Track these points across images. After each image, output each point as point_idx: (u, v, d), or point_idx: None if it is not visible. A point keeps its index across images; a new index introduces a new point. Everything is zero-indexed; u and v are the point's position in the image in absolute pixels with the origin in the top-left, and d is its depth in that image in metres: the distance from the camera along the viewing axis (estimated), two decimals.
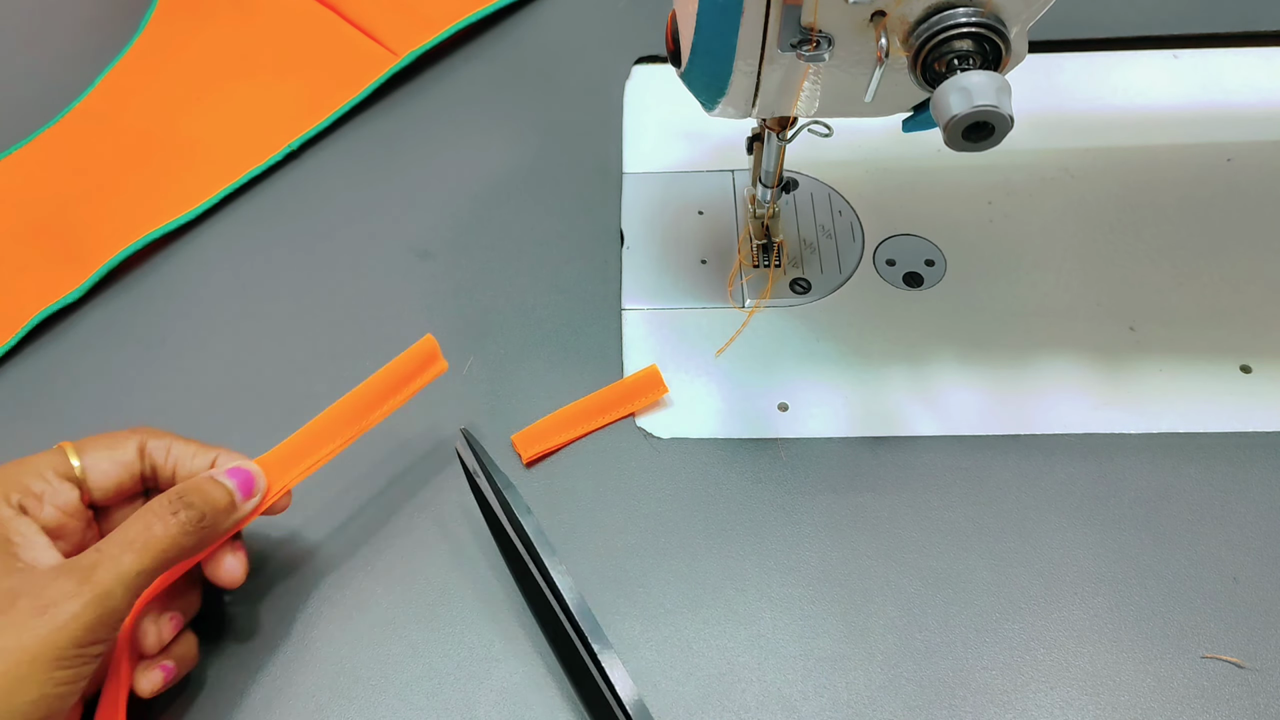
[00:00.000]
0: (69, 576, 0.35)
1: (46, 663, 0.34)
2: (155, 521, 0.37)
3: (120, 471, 0.40)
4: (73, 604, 0.34)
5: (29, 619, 0.34)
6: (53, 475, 0.39)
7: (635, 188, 0.56)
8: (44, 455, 0.39)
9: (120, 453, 0.40)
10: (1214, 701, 0.40)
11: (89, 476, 0.39)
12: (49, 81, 0.62)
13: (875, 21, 0.36)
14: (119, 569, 0.36)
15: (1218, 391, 0.48)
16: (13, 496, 0.38)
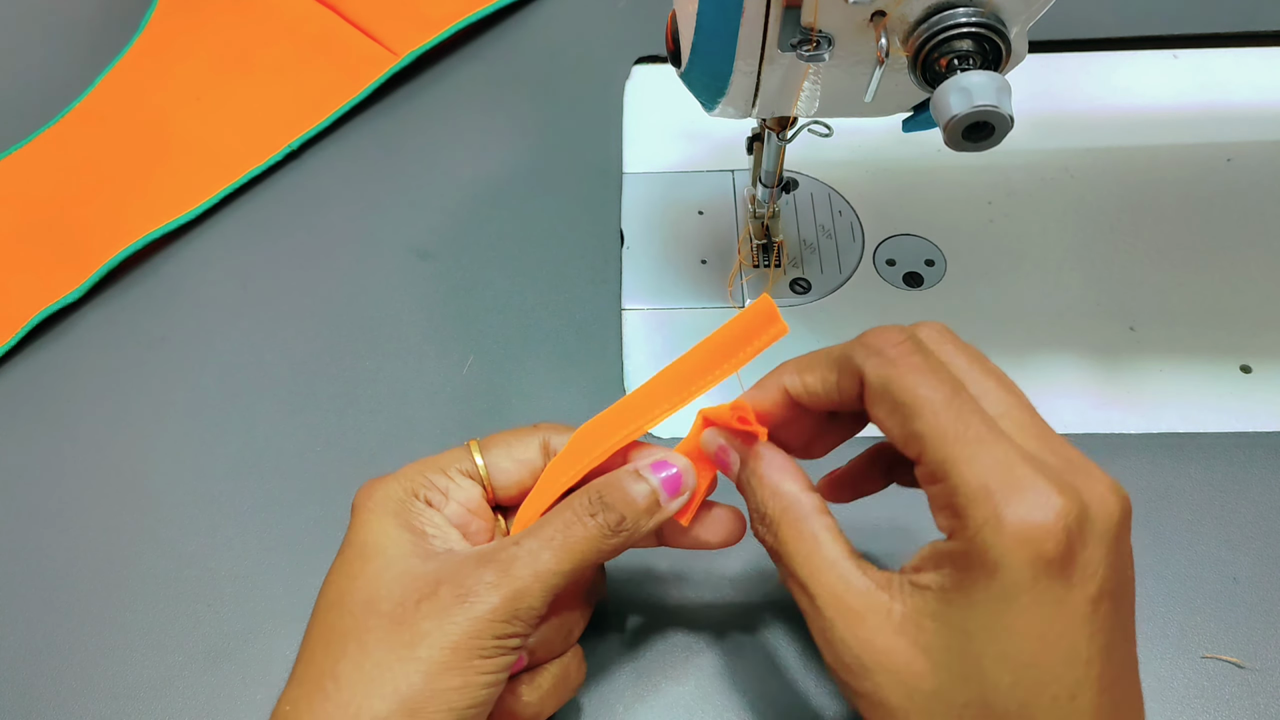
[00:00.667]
0: (488, 567, 0.34)
1: (468, 651, 0.33)
2: (574, 521, 0.35)
3: (521, 470, 0.38)
4: (493, 595, 0.33)
5: (451, 606, 0.33)
6: (456, 472, 0.38)
7: (635, 188, 0.56)
8: (451, 452, 0.38)
9: (521, 450, 0.38)
10: (1214, 701, 0.40)
11: (492, 474, 0.38)
12: (49, 81, 0.61)
13: (875, 21, 0.36)
14: (537, 566, 0.34)
15: (1218, 391, 0.48)
16: (420, 491, 0.37)
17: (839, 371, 0.33)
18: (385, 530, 0.35)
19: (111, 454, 0.48)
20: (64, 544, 0.46)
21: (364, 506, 0.36)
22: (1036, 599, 0.28)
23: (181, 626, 0.43)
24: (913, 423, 0.30)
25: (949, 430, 0.30)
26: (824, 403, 0.34)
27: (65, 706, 0.42)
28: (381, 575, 0.34)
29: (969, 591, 0.29)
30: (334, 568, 0.36)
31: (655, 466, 0.36)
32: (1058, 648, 0.28)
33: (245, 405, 0.49)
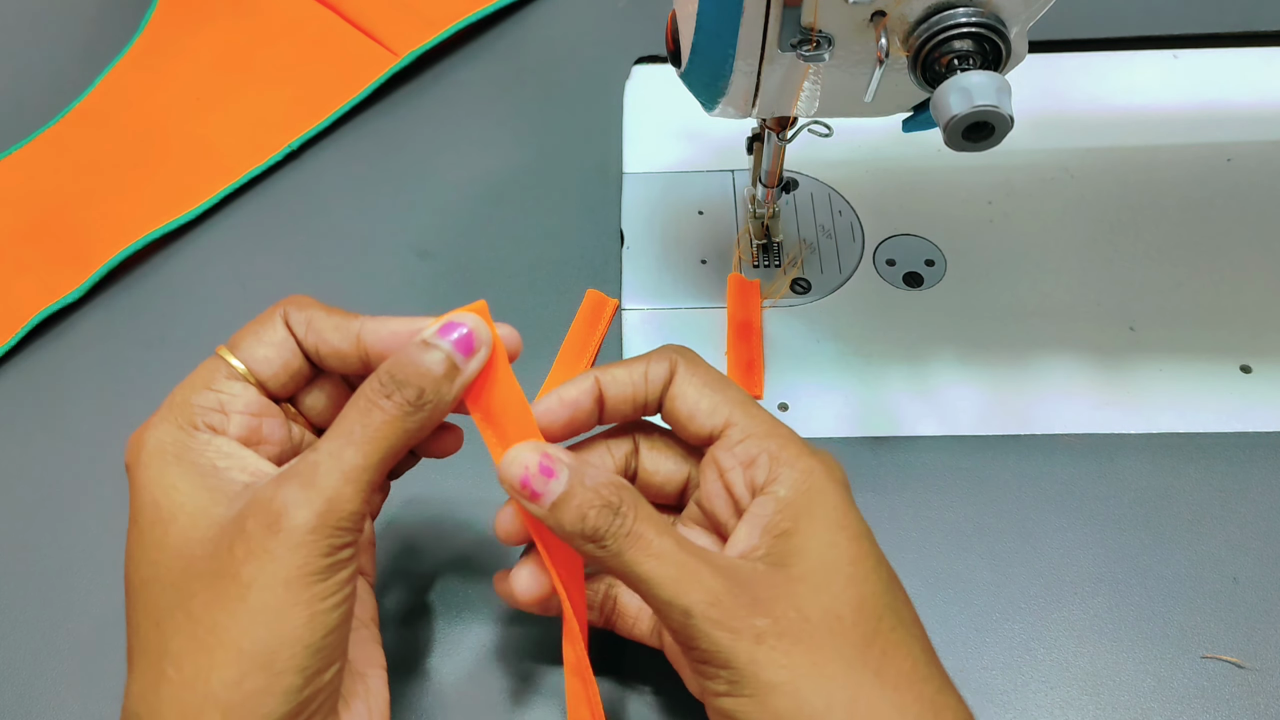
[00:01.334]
0: (291, 483, 0.31)
1: (300, 581, 0.30)
2: (370, 408, 0.32)
3: (281, 352, 0.35)
4: (304, 513, 0.30)
5: (265, 539, 0.30)
6: (223, 380, 0.34)
7: (635, 188, 0.56)
8: (202, 367, 0.35)
9: (269, 333, 0.35)
10: (1214, 701, 0.40)
11: (255, 368, 0.35)
12: (49, 81, 0.62)
13: (875, 21, 0.36)
14: (343, 466, 0.31)
15: (1218, 391, 0.48)
16: (195, 419, 0.33)
17: (650, 362, 0.37)
18: (173, 481, 0.32)
19: (111, 454, 0.48)
20: (64, 544, 0.46)
21: (139, 462, 0.33)
22: (853, 510, 0.35)
23: None
24: (722, 394, 0.36)
25: (748, 401, 0.36)
26: (627, 394, 0.36)
27: (65, 706, 0.42)
28: (189, 533, 0.31)
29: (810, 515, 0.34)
30: (131, 541, 0.32)
31: (443, 330, 0.34)
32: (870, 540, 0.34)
33: None
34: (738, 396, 0.36)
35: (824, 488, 0.34)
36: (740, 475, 0.35)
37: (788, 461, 0.34)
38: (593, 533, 0.33)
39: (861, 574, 0.33)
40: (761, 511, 0.34)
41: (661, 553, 0.32)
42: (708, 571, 0.32)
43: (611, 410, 0.37)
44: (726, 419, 0.36)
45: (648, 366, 0.37)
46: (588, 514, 0.33)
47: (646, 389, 0.37)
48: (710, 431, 0.36)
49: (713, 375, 0.37)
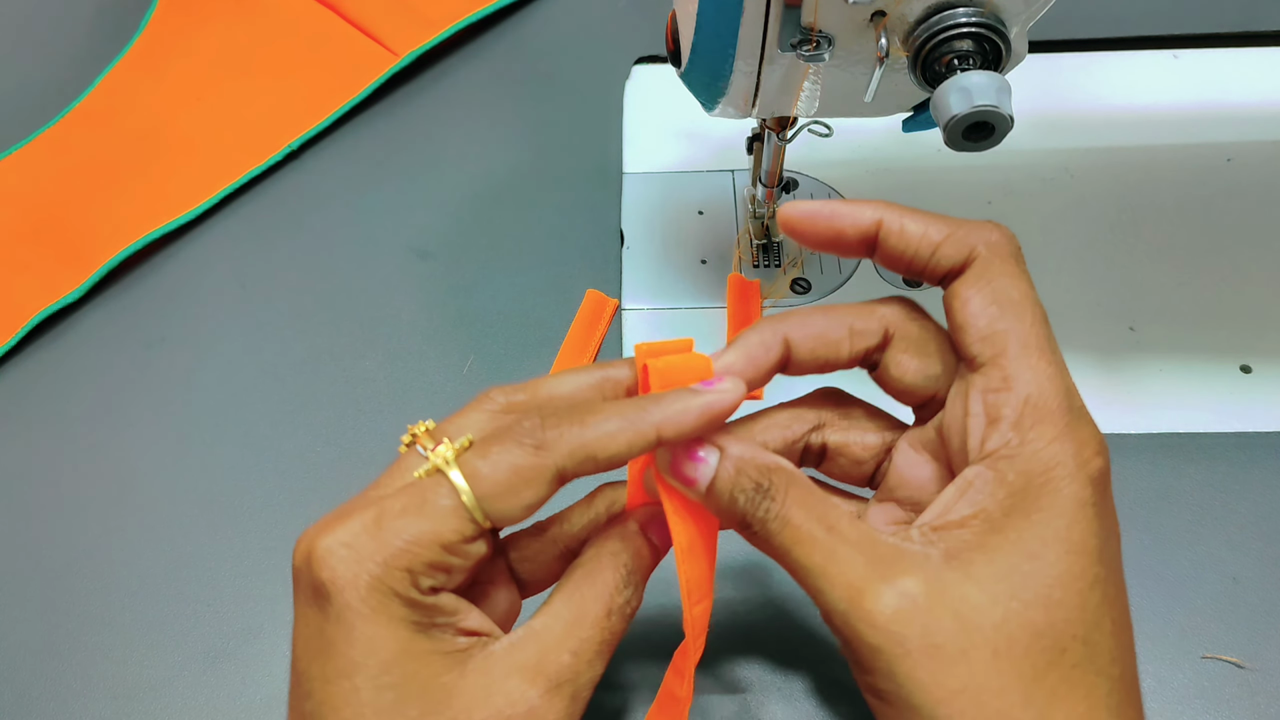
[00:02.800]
0: (558, 695, 0.29)
1: None
2: (616, 614, 0.31)
3: (529, 514, 0.30)
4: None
5: None
6: (459, 545, 0.29)
7: (635, 188, 0.56)
8: (435, 506, 0.29)
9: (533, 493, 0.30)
10: (1214, 701, 0.40)
11: (496, 525, 0.30)
12: (49, 81, 0.61)
13: (875, 21, 0.36)
14: (595, 677, 0.30)
15: (1218, 391, 0.48)
16: (423, 579, 0.29)
17: (949, 237, 0.32)
18: (403, 645, 0.29)
19: (111, 454, 0.48)
20: (64, 544, 0.46)
21: (357, 603, 0.28)
22: (1090, 520, 0.29)
23: (181, 626, 0.43)
24: (1005, 321, 0.31)
25: (1033, 343, 0.30)
26: (906, 252, 0.32)
27: (65, 706, 0.42)
28: (425, 708, 0.28)
29: (1028, 513, 0.29)
30: (340, 692, 0.28)
31: (650, 528, 0.33)
32: (1100, 555, 0.29)
33: (245, 405, 0.49)
34: (1024, 333, 0.30)
35: (1061, 487, 0.29)
36: (980, 426, 0.30)
37: (1032, 442, 0.29)
38: (741, 516, 0.30)
39: (1061, 596, 0.28)
40: (978, 484, 0.30)
41: (809, 539, 0.29)
42: (858, 563, 0.29)
43: (883, 258, 0.33)
44: (995, 355, 0.30)
45: (943, 242, 0.32)
46: (737, 497, 0.30)
47: (932, 260, 0.32)
48: (974, 358, 0.31)
49: (1013, 290, 0.31)
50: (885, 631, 0.28)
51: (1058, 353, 0.31)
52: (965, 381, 0.31)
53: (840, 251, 0.33)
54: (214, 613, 0.44)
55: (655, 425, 0.30)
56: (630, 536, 0.33)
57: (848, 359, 0.33)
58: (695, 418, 0.30)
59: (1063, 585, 0.29)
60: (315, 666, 0.29)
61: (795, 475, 0.31)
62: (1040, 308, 0.31)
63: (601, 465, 0.30)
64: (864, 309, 0.33)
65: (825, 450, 0.35)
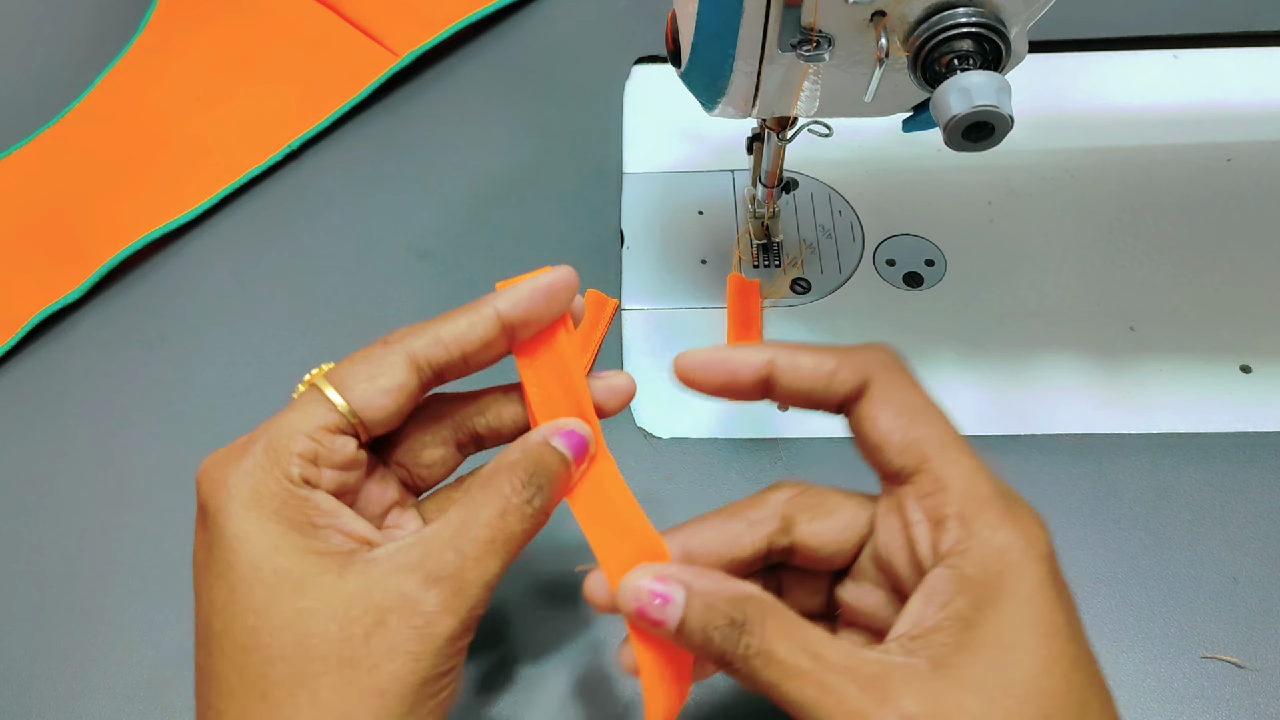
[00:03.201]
0: (439, 588, 0.30)
1: (433, 683, 0.30)
2: (511, 515, 0.31)
3: (397, 400, 0.32)
4: (450, 622, 0.30)
5: (409, 639, 0.29)
6: (322, 431, 0.31)
7: (635, 188, 0.56)
8: (301, 405, 0.32)
9: (387, 375, 0.32)
10: (1214, 701, 0.40)
11: (364, 416, 0.32)
12: (49, 81, 0.61)
13: (875, 21, 0.36)
14: (486, 576, 0.30)
15: (1218, 391, 0.48)
16: (293, 470, 0.31)
17: (841, 364, 0.33)
18: (273, 541, 0.30)
19: (111, 454, 0.48)
20: (64, 544, 0.46)
21: (226, 507, 0.30)
22: (1052, 597, 0.29)
23: (181, 626, 0.43)
24: (919, 428, 0.31)
25: (950, 442, 0.31)
26: (803, 388, 0.33)
27: (65, 706, 0.42)
28: (300, 605, 0.29)
29: (996, 604, 0.29)
30: (218, 595, 0.30)
31: (565, 436, 0.34)
32: (1070, 633, 0.29)
33: (245, 405, 0.49)
34: (938, 434, 0.31)
35: (1019, 570, 0.29)
36: (925, 532, 0.31)
37: (980, 533, 0.30)
38: (719, 655, 0.30)
39: (1047, 686, 0.28)
40: (941, 587, 0.30)
41: (797, 671, 0.29)
42: (852, 690, 0.28)
43: (782, 397, 0.33)
44: (920, 461, 0.31)
45: (836, 368, 0.32)
46: (712, 635, 0.30)
47: (827, 391, 0.33)
48: (899, 470, 0.31)
49: (915, 400, 0.32)
50: None
51: (971, 449, 0.32)
52: (893, 497, 0.32)
53: (737, 396, 0.34)
54: None
55: (493, 305, 0.33)
56: (531, 446, 0.33)
57: (751, 554, 0.33)
58: (527, 292, 0.34)
59: (1047, 672, 0.29)
60: (201, 578, 0.31)
61: (769, 603, 0.30)
62: (942, 411, 0.32)
63: (451, 348, 0.33)
64: (752, 501, 0.34)
65: (793, 550, 0.34)
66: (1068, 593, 0.30)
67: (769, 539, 0.33)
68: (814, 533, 0.33)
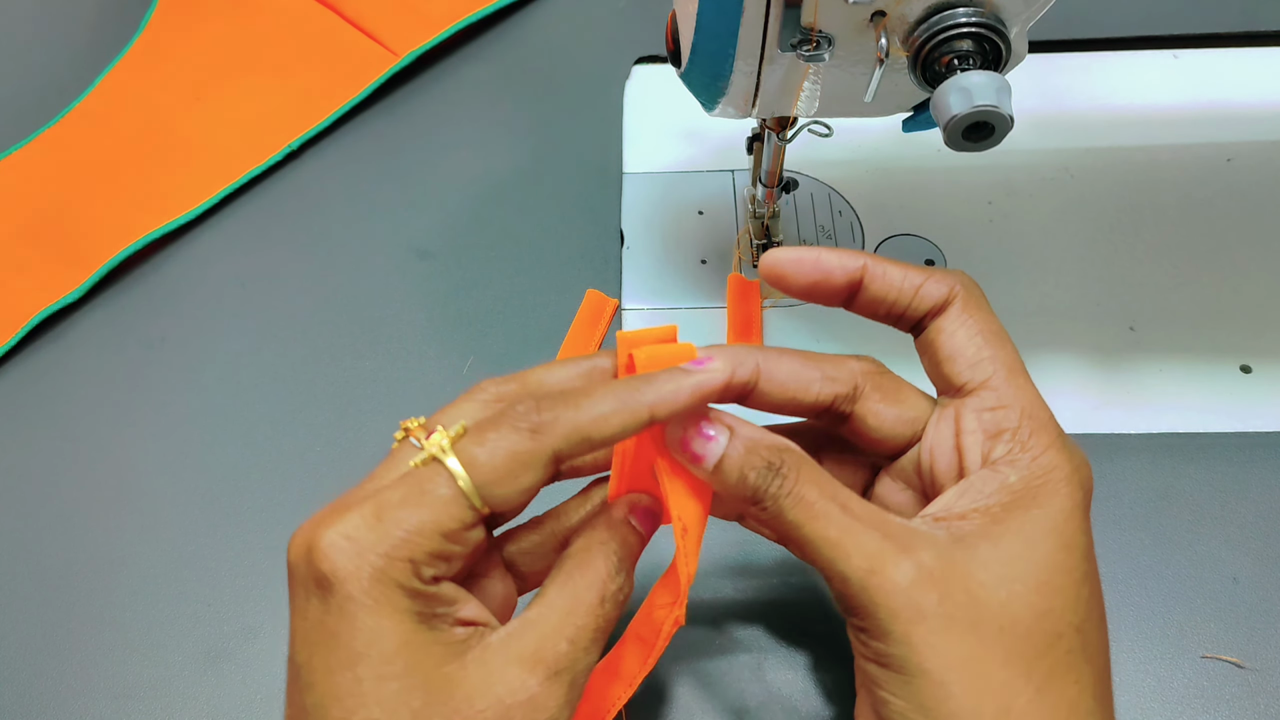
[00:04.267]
0: (557, 681, 0.29)
1: None
2: (609, 601, 0.31)
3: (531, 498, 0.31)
4: (567, 713, 0.30)
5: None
6: (459, 531, 0.30)
7: (635, 188, 0.56)
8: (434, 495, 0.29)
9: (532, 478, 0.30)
10: (1214, 701, 0.40)
11: (497, 512, 0.30)
12: (49, 81, 0.61)
13: (875, 21, 0.36)
14: (591, 664, 0.31)
15: (1218, 391, 0.48)
16: (425, 569, 0.29)
17: (929, 279, 0.34)
18: (406, 636, 0.29)
19: (111, 454, 0.48)
20: (64, 544, 0.46)
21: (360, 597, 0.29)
22: (1081, 520, 0.31)
23: (181, 626, 0.43)
24: (991, 349, 0.33)
25: (1018, 367, 0.33)
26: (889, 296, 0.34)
27: (65, 706, 0.42)
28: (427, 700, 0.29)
29: (1027, 509, 0.31)
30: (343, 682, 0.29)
31: (640, 515, 0.34)
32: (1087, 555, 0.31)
33: (245, 405, 0.49)
34: (1008, 359, 0.33)
35: (1057, 490, 0.31)
36: (978, 442, 0.32)
37: (1033, 450, 0.32)
38: (753, 493, 0.31)
39: (1057, 585, 0.30)
40: (981, 487, 0.31)
41: (824, 514, 0.30)
42: (874, 537, 0.30)
43: (865, 305, 0.35)
44: (987, 378, 0.33)
45: (925, 281, 0.34)
46: (748, 475, 0.31)
47: (913, 302, 0.34)
48: (964, 384, 0.33)
49: (991, 324, 0.34)
50: (905, 597, 0.29)
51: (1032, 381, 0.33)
52: (953, 407, 0.33)
53: (822, 298, 0.35)
54: (214, 613, 0.44)
55: (648, 405, 0.31)
56: (617, 525, 0.33)
57: (813, 401, 0.34)
58: (687, 395, 0.31)
59: (1059, 574, 0.30)
60: (318, 659, 0.29)
61: (805, 456, 0.32)
62: (1012, 342, 0.34)
63: (596, 445, 0.30)
64: (835, 359, 0.35)
65: (851, 420, 0.35)
66: (1090, 530, 0.32)
67: (835, 398, 0.34)
68: (876, 412, 0.34)
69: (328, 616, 0.29)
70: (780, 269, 0.34)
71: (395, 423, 0.45)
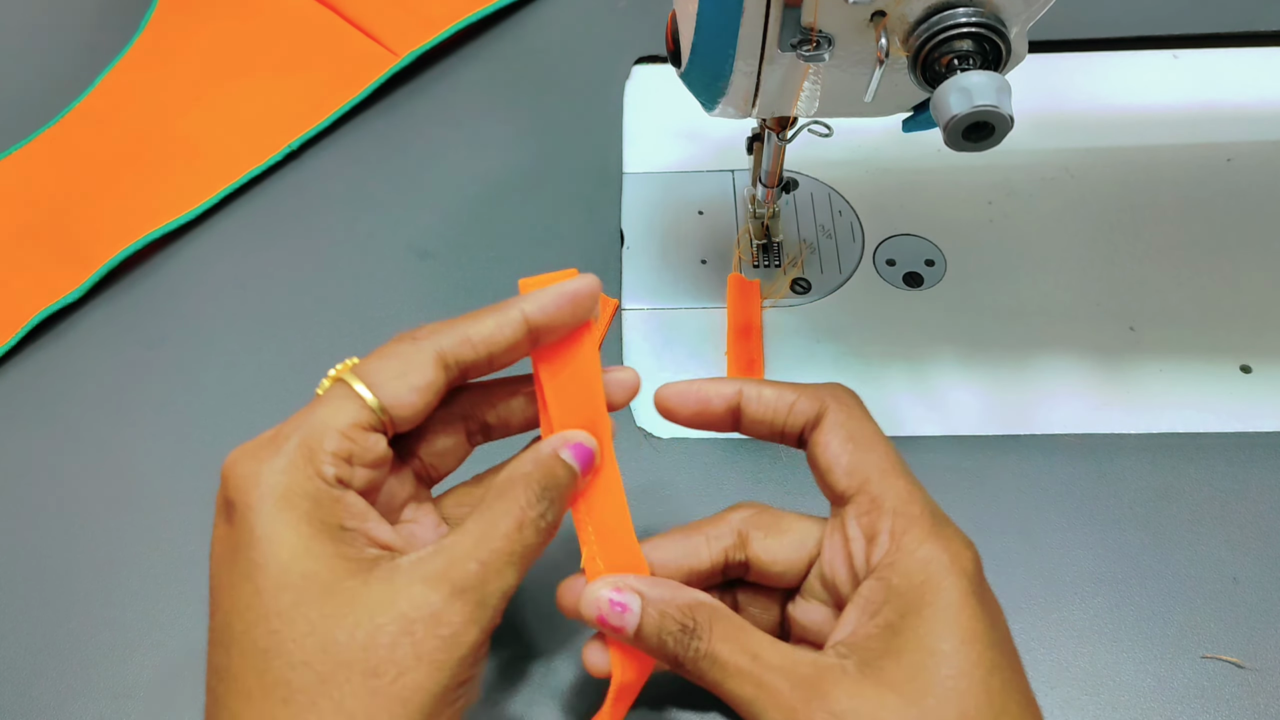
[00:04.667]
0: (463, 600, 0.30)
1: (455, 692, 0.30)
2: (527, 528, 0.32)
3: (425, 396, 0.33)
4: (474, 632, 0.30)
5: (436, 650, 0.30)
6: (355, 429, 0.32)
7: (635, 188, 0.56)
8: (332, 401, 0.32)
9: (418, 373, 0.33)
10: (1214, 701, 0.40)
11: (393, 413, 0.32)
12: (49, 81, 0.61)
13: (875, 21, 0.36)
14: (504, 587, 0.31)
15: (1218, 391, 0.48)
16: (325, 469, 0.31)
17: (800, 396, 0.35)
18: (305, 544, 0.30)
19: (111, 454, 0.48)
20: (64, 544, 0.46)
21: (253, 504, 0.30)
22: (974, 608, 0.32)
23: (181, 626, 0.43)
24: (863, 454, 0.34)
25: (890, 467, 0.34)
26: (766, 417, 0.36)
27: (65, 706, 0.42)
28: (325, 611, 0.29)
29: (919, 612, 0.31)
30: (241, 593, 0.30)
31: (575, 450, 0.35)
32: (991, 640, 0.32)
33: (245, 405, 0.49)
34: (880, 461, 0.34)
35: (941, 582, 0.32)
36: (861, 548, 0.34)
37: (907, 546, 0.32)
38: (672, 657, 0.33)
39: (965, 687, 0.30)
40: (871, 596, 0.33)
41: (737, 672, 0.32)
42: (785, 688, 0.31)
43: (748, 427, 0.36)
44: (862, 483, 0.34)
45: (796, 399, 0.35)
46: (665, 640, 0.33)
47: (788, 420, 0.35)
48: (844, 491, 0.34)
49: (864, 430, 0.35)
50: None
51: (912, 475, 0.34)
52: (838, 517, 0.35)
53: (710, 426, 0.37)
54: None
55: (520, 309, 0.34)
56: (544, 459, 0.34)
57: (709, 566, 0.36)
58: (554, 297, 0.34)
59: (965, 675, 0.31)
60: (223, 575, 0.31)
61: (717, 609, 0.33)
62: (889, 442, 0.35)
63: (479, 348, 0.33)
64: (711, 518, 0.37)
65: (748, 565, 0.37)
66: (994, 603, 0.33)
67: (725, 553, 0.36)
68: (767, 549, 0.36)
69: (231, 532, 0.31)
70: (667, 404, 0.36)
71: None
